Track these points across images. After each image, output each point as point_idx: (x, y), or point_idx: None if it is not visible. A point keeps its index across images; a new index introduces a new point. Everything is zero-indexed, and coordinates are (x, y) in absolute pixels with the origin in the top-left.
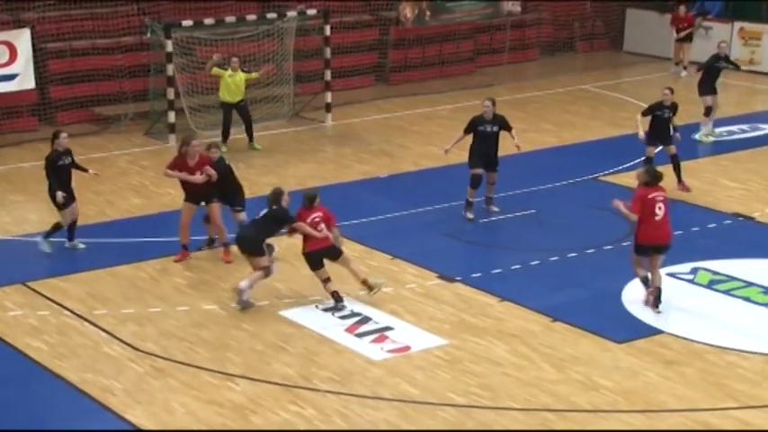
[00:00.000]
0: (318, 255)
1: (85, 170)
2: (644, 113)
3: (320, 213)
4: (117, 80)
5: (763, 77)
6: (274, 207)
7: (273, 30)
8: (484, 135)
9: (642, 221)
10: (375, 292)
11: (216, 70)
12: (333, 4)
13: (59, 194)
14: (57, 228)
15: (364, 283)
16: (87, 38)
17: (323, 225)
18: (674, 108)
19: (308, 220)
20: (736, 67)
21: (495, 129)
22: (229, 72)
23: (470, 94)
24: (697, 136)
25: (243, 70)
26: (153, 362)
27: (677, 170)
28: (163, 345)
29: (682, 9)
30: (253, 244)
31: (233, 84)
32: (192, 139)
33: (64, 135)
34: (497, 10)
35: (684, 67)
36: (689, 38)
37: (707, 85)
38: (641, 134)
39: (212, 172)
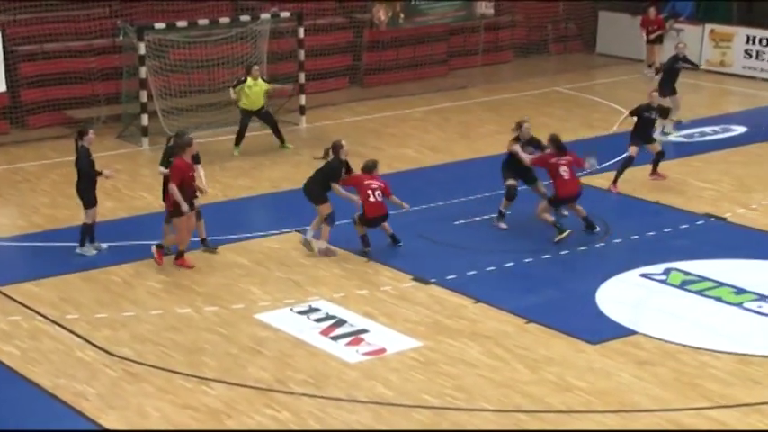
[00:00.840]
0: (376, 221)
1: (99, 173)
2: (631, 113)
3: (377, 182)
4: (89, 83)
5: (734, 79)
6: (331, 158)
7: (247, 32)
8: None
9: (557, 182)
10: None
11: (237, 90)
12: (306, 7)
13: (106, 172)
14: (86, 230)
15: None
16: (59, 40)
17: (379, 192)
18: (660, 111)
19: (365, 183)
20: (695, 66)
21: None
22: (249, 82)
23: (444, 96)
24: (656, 135)
25: (263, 79)
26: (127, 366)
27: (656, 164)
28: (137, 349)
29: (652, 11)
30: (310, 193)
31: (252, 94)
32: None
33: (92, 131)
34: (471, 12)
35: (657, 70)
36: (659, 40)
37: (667, 87)
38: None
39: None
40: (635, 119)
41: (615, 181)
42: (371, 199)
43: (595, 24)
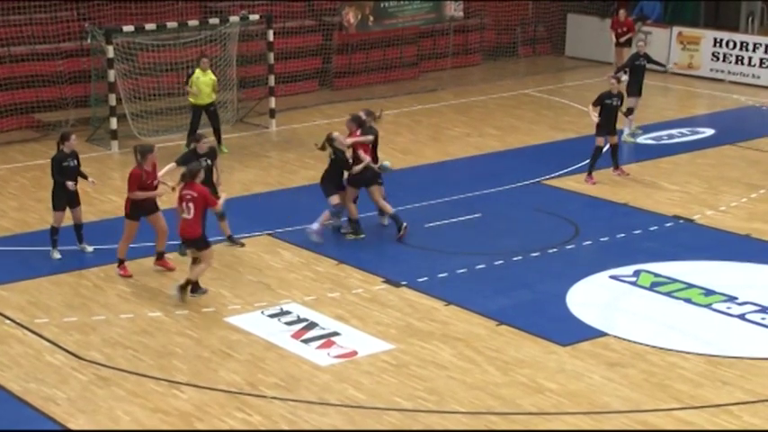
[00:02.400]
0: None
1: (85, 177)
2: (594, 103)
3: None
4: (57, 86)
5: (702, 81)
6: (335, 155)
7: (216, 35)
8: None
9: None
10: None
11: (190, 85)
12: (276, 10)
13: (69, 183)
14: (52, 232)
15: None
16: (27, 43)
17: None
18: (621, 97)
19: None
20: (661, 66)
21: None
22: (197, 73)
23: (414, 98)
24: (622, 137)
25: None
26: (97, 370)
27: (615, 157)
28: (107, 353)
29: (622, 13)
30: (323, 188)
31: (200, 84)
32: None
33: (74, 137)
34: (440, 15)
35: (619, 68)
36: (628, 43)
37: (633, 86)
38: (594, 118)
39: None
40: (599, 108)
41: (590, 173)
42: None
43: (564, 27)
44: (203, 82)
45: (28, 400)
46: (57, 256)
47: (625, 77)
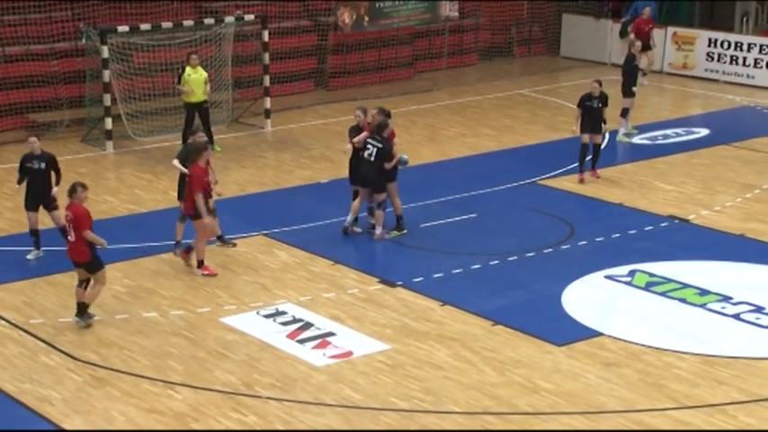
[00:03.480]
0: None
1: (53, 185)
2: (578, 105)
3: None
4: (52, 86)
5: (697, 81)
6: (381, 146)
7: (211, 35)
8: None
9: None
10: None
11: (182, 83)
12: (271, 10)
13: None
14: (31, 233)
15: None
16: (21, 44)
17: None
18: (603, 99)
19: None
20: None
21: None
22: (188, 71)
23: (410, 98)
24: (618, 137)
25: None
26: (92, 371)
27: (595, 158)
28: (102, 353)
29: (647, 11)
30: (373, 181)
31: (192, 82)
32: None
33: (32, 139)
34: (435, 15)
35: (644, 74)
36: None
37: (629, 87)
38: (574, 127)
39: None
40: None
41: (581, 171)
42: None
43: (559, 27)
44: (195, 80)
45: (23, 400)
46: (30, 257)
47: (645, 81)
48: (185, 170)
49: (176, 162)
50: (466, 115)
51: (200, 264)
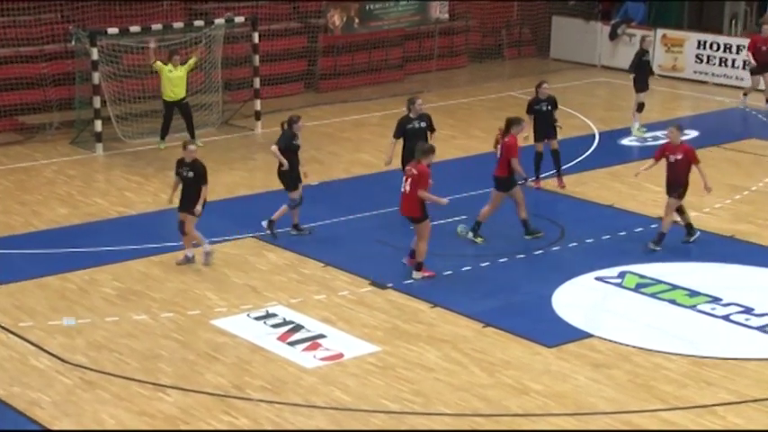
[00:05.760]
0: None
1: None
2: (527, 111)
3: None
4: (42, 89)
5: (686, 83)
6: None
7: (201, 37)
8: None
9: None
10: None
11: (159, 65)
12: (261, 12)
13: None
14: None
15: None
16: (10, 46)
17: None
18: (551, 101)
19: None
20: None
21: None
22: (170, 67)
23: (400, 101)
24: (633, 133)
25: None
26: (82, 374)
27: (557, 165)
28: (92, 356)
29: (765, 29)
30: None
31: (175, 78)
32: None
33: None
34: (426, 17)
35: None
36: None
37: (641, 82)
38: (526, 134)
39: None
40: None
41: (559, 175)
42: None
43: (549, 29)
44: (177, 77)
45: (12, 403)
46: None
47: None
48: (284, 159)
49: (275, 149)
50: (456, 117)
51: (420, 266)
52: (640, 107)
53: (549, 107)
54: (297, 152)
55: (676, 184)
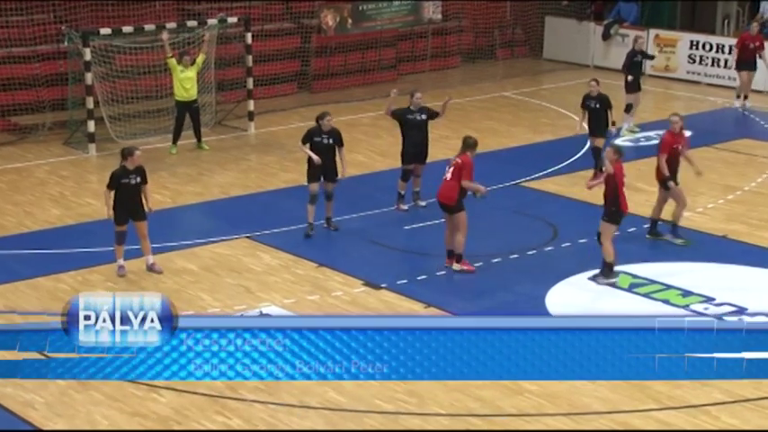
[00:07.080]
0: None
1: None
2: (581, 105)
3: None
4: (34, 89)
5: (679, 84)
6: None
7: (194, 38)
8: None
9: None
10: None
11: (173, 62)
12: (254, 12)
13: None
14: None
15: None
16: (2, 46)
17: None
18: (600, 99)
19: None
20: (651, 57)
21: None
22: (181, 68)
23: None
24: (622, 131)
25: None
26: None
27: (596, 162)
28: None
29: (754, 27)
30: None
31: (186, 79)
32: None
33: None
34: (418, 17)
35: (745, 97)
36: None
37: (632, 83)
38: (578, 128)
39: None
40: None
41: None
42: None
43: (542, 30)
44: (188, 77)
45: (5, 404)
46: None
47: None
48: (313, 154)
49: (306, 148)
50: (449, 117)
51: (460, 258)
52: (628, 108)
53: (598, 105)
54: (321, 147)
55: (676, 172)
